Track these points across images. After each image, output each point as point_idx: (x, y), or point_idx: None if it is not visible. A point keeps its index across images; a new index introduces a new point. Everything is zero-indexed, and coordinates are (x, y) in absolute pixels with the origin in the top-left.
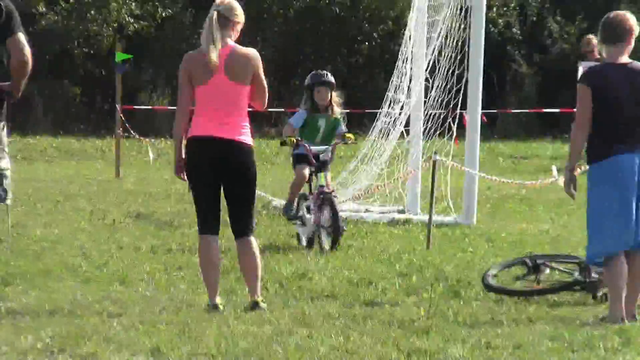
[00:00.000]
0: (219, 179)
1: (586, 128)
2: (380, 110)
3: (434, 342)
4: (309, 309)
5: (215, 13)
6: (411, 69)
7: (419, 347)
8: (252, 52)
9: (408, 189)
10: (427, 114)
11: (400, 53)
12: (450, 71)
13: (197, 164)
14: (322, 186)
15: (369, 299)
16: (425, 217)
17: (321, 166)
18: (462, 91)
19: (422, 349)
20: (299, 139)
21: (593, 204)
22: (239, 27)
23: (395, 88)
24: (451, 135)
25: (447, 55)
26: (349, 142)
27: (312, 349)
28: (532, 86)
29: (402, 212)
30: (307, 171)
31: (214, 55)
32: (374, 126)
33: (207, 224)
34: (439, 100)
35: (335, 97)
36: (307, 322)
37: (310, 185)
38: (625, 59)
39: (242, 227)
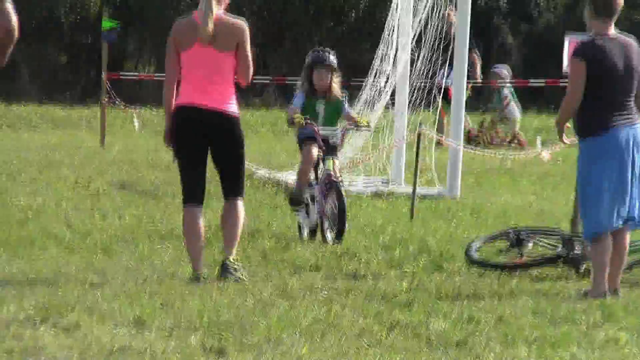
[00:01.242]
0: (204, 148)
1: (577, 103)
2: (365, 80)
3: (416, 315)
4: (291, 281)
5: None
6: (397, 39)
7: (401, 320)
8: (239, 22)
9: (392, 160)
10: (412, 85)
11: (386, 23)
12: (436, 42)
13: (182, 132)
14: (329, 173)
15: (352, 272)
16: (410, 189)
17: (329, 151)
18: (448, 63)
19: (405, 322)
20: (308, 118)
21: (590, 179)
22: None
23: (381, 58)
24: (436, 108)
25: (434, 26)
26: (363, 128)
27: (294, 321)
28: (518, 57)
29: (386, 183)
30: (315, 152)
31: (210, 26)
32: (360, 97)
33: (192, 194)
34: (426, 72)
35: (336, 79)
36: (289, 294)
37: (316, 172)
38: (614, 32)
39: (232, 187)
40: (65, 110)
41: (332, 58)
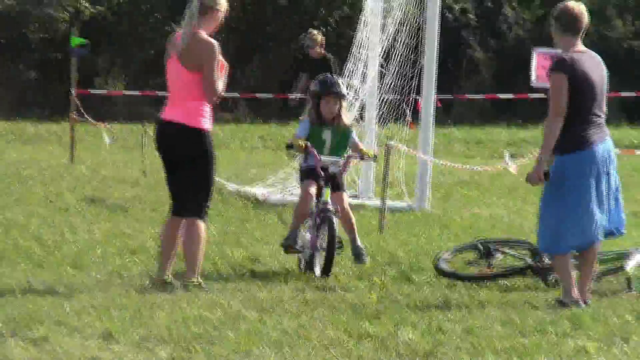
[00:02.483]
0: (172, 162)
1: (563, 117)
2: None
3: (385, 326)
4: (260, 293)
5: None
6: (366, 54)
7: (369, 332)
8: (208, 42)
9: (362, 173)
10: (382, 99)
11: (354, 38)
12: (406, 57)
13: (156, 145)
14: (325, 203)
15: (320, 284)
16: (379, 202)
17: (328, 179)
18: (417, 77)
19: (373, 333)
20: (308, 143)
21: (568, 195)
22: (219, 16)
23: (350, 73)
24: (407, 121)
25: (403, 41)
26: (367, 159)
27: (263, 334)
28: (487, 72)
29: (355, 197)
30: (313, 190)
31: (183, 43)
32: None
33: (171, 204)
34: (395, 86)
35: (345, 107)
36: (258, 306)
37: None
38: (583, 47)
39: (179, 206)
40: (35, 126)
41: (342, 87)
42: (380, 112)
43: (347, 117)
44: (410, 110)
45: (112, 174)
